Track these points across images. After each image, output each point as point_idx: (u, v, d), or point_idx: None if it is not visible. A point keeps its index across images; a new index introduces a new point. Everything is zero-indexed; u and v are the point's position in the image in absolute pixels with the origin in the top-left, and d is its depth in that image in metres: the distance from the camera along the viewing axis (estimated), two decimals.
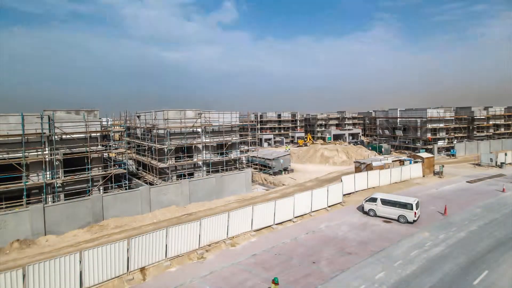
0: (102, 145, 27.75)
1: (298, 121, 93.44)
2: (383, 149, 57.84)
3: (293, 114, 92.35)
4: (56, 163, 23.97)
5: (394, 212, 22.52)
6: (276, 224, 22.02)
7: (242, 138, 38.92)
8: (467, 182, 34.81)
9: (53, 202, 23.08)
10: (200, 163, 33.17)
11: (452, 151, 54.85)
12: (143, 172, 37.55)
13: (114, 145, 32.01)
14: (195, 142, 32.97)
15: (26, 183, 22.02)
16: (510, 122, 70.98)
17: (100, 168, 26.96)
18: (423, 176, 37.72)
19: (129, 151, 39.61)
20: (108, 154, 33.61)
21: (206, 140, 33.91)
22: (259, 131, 79.92)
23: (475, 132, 65.50)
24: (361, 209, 25.01)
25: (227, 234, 19.34)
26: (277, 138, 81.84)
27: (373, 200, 23.73)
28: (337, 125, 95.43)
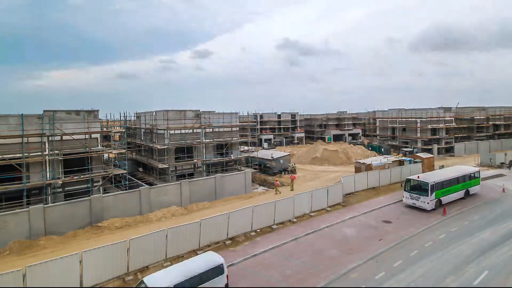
0: (102, 146, 27.75)
1: (298, 121, 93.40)
2: (383, 150, 57.85)
3: (293, 115, 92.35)
4: (56, 164, 23.96)
5: None
6: (276, 224, 22.04)
7: (242, 139, 38.95)
8: None
9: (53, 202, 23.07)
10: (200, 163, 33.17)
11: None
12: (143, 173, 37.57)
13: (114, 146, 31.99)
14: (195, 143, 32.99)
15: (26, 184, 22.01)
16: (510, 122, 71.02)
17: (100, 168, 26.95)
18: None
19: (129, 152, 39.63)
20: (108, 155, 33.60)
21: (206, 141, 33.93)
22: (259, 131, 79.85)
23: (475, 132, 65.52)
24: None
25: (227, 235, 19.35)
26: (277, 139, 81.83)
27: None
28: (337, 126, 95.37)
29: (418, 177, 26.20)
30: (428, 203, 24.31)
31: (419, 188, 25.19)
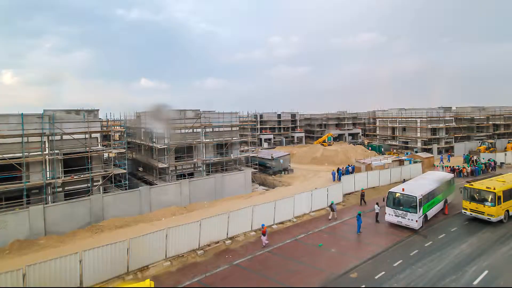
0: (102, 145, 27.75)
1: (298, 121, 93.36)
2: (382, 149, 57.82)
3: (293, 114, 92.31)
4: (56, 163, 23.94)
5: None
6: (276, 224, 22.05)
7: (242, 138, 38.96)
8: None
9: (53, 202, 23.07)
10: (200, 163, 33.17)
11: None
12: (143, 172, 37.58)
13: (114, 145, 31.97)
14: (195, 142, 32.98)
15: (26, 183, 22.00)
16: (510, 122, 70.99)
17: (100, 168, 26.94)
18: None
19: (129, 151, 39.62)
20: (108, 154, 33.59)
21: (206, 140, 33.93)
22: (259, 131, 79.81)
23: (474, 132, 65.49)
24: None
25: (227, 234, 19.36)
26: (277, 138, 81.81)
27: None
28: (336, 125, 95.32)
29: (403, 189, 21.67)
30: (416, 220, 20.33)
31: (405, 204, 20.99)
